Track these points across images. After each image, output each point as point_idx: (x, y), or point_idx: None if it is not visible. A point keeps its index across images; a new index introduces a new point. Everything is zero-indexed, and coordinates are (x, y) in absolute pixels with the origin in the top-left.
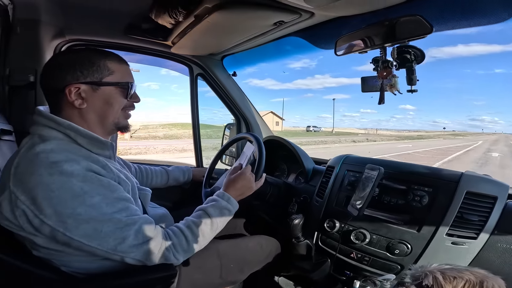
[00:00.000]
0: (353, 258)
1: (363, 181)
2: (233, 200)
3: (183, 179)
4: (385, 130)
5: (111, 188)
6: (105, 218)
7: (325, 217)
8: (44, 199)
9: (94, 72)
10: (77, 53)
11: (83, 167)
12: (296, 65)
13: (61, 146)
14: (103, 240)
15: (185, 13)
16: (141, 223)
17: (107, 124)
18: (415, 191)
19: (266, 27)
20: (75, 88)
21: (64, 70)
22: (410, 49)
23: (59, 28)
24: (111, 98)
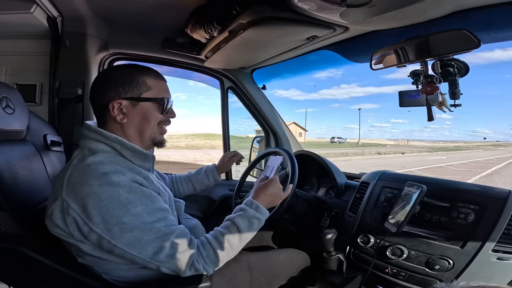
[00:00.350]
0: (388, 273)
1: (402, 198)
2: (262, 208)
3: (208, 182)
4: (418, 141)
5: (152, 198)
6: (146, 227)
7: (359, 232)
8: (93, 208)
9: (133, 88)
10: (120, 70)
11: (128, 178)
12: (321, 75)
13: (108, 158)
14: (142, 249)
15: (220, 28)
16: (178, 233)
17: (145, 138)
18: (460, 208)
19: (298, 42)
20: (118, 103)
21: (108, 86)
22: (453, 62)
23: (103, 42)
24: (148, 113)
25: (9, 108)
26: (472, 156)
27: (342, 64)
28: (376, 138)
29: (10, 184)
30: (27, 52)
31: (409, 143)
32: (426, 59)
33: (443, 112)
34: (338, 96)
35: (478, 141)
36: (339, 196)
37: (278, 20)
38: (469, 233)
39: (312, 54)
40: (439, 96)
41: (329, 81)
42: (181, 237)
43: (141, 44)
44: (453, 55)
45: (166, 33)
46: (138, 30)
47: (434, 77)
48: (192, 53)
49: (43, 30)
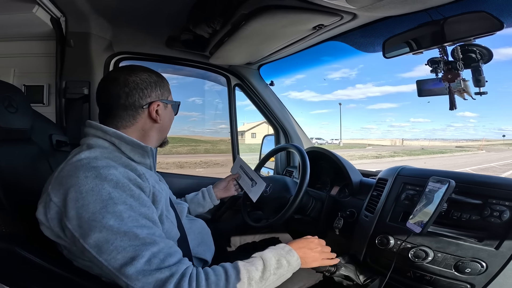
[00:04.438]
0: (410, 277)
1: (427, 195)
2: (295, 253)
3: (204, 201)
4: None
5: (141, 201)
6: (121, 230)
7: (376, 233)
8: (71, 200)
9: (165, 91)
10: (154, 73)
11: (120, 173)
12: (335, 75)
13: (104, 154)
14: (110, 255)
15: (222, 21)
16: (162, 248)
17: (162, 138)
18: (493, 205)
19: (304, 32)
20: (158, 105)
21: (149, 88)
22: (474, 47)
23: (108, 41)
24: (172, 115)
25: (12, 107)
26: (472, 160)
27: (353, 55)
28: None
29: (11, 183)
30: (34, 53)
31: (404, 143)
32: (444, 45)
33: (464, 99)
34: (354, 96)
35: (505, 139)
36: (354, 195)
37: (280, 8)
38: (504, 233)
39: (321, 46)
40: (461, 83)
41: (343, 81)
42: (166, 253)
43: (145, 43)
44: (475, 38)
45: (170, 31)
46: (141, 28)
47: (455, 63)
48: (197, 50)
49: (48, 31)
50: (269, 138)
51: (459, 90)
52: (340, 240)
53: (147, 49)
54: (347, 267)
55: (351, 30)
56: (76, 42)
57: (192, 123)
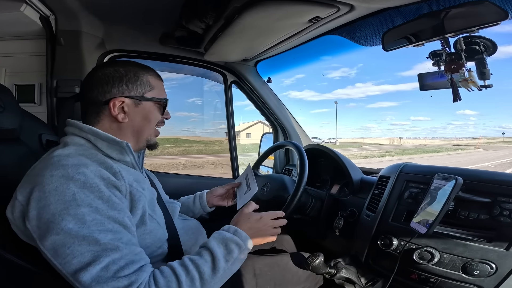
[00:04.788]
0: (414, 279)
1: (432, 193)
2: (242, 232)
3: (194, 207)
4: (416, 139)
5: (111, 204)
6: (80, 233)
7: (379, 233)
8: (34, 199)
9: (138, 86)
10: (124, 66)
11: (91, 171)
12: (334, 75)
13: (79, 151)
14: (65, 260)
15: (214, 15)
16: (125, 254)
17: (141, 140)
18: (503, 204)
19: (300, 25)
20: (120, 101)
21: (111, 83)
22: (478, 39)
23: (100, 39)
24: (150, 114)
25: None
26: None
27: (352, 49)
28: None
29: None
30: (25, 52)
31: (402, 141)
32: (446, 36)
33: (470, 90)
34: (353, 95)
35: (499, 137)
36: (354, 194)
37: (274, 0)
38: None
39: (318, 41)
40: (466, 73)
41: (342, 80)
42: (127, 260)
43: (139, 41)
44: (478, 29)
45: (163, 27)
46: (134, 26)
47: (458, 53)
48: (191, 46)
49: (38, 29)
50: (268, 136)
51: (465, 80)
52: (341, 240)
53: (141, 46)
54: (348, 269)
55: (349, 23)
56: (66, 40)
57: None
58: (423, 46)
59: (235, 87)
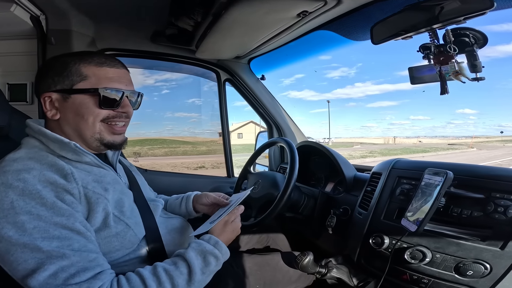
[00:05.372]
0: (406, 279)
1: (422, 189)
2: (222, 245)
3: (179, 211)
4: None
5: (56, 210)
6: (21, 241)
7: (370, 232)
8: None
9: (64, 78)
10: (56, 59)
11: (33, 177)
12: (334, 74)
13: (30, 154)
14: (12, 266)
15: (202, 11)
16: (76, 261)
17: (87, 139)
18: (497, 200)
19: (289, 20)
20: (48, 97)
21: (40, 78)
22: (467, 31)
23: (90, 38)
24: (81, 108)
25: None
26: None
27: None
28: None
29: None
30: (16, 52)
31: (396, 141)
32: (434, 27)
33: (461, 82)
34: (353, 95)
35: (498, 136)
36: (348, 191)
37: None
38: (510, 231)
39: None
40: (455, 65)
41: (342, 80)
42: (78, 267)
43: (129, 39)
44: (465, 18)
45: (154, 26)
46: (125, 24)
47: (446, 45)
48: (182, 44)
49: (29, 29)
50: (263, 134)
51: (454, 72)
52: (334, 239)
53: (132, 45)
54: (340, 269)
55: (338, 17)
56: (57, 39)
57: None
58: (412, 38)
59: (229, 85)
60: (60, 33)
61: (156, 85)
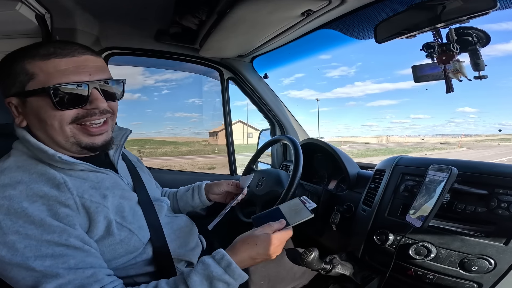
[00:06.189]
0: (411, 275)
1: (427, 185)
2: (236, 268)
3: (193, 202)
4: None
5: (46, 227)
6: (14, 261)
7: (375, 228)
8: None
9: (14, 80)
10: (5, 58)
11: (20, 193)
12: (333, 74)
13: (18, 162)
14: (12, 281)
15: (207, 10)
16: (73, 279)
17: (63, 145)
18: (501, 196)
19: (293, 19)
20: (10, 103)
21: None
22: (470, 30)
23: (95, 36)
24: (41, 113)
25: None
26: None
27: (346, 43)
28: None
29: None
30: None
31: (388, 140)
32: (437, 26)
33: (459, 81)
34: (353, 94)
35: (497, 134)
36: (351, 188)
37: None
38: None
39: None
40: (456, 64)
41: (342, 79)
42: (73, 285)
43: (134, 38)
44: (468, 18)
45: (158, 24)
46: (129, 23)
47: (449, 44)
48: (186, 43)
49: (34, 28)
50: (266, 133)
51: (453, 71)
52: (338, 236)
53: (136, 43)
54: (344, 265)
55: (342, 16)
56: (62, 38)
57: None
58: (416, 37)
59: (232, 84)
60: (65, 32)
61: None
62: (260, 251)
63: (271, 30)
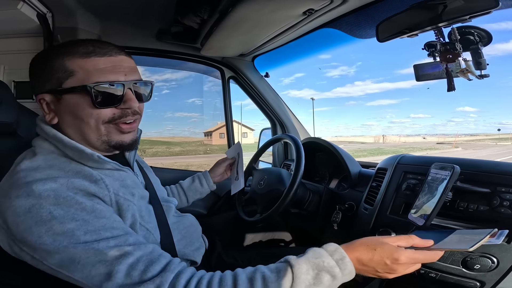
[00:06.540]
0: (413, 274)
1: (429, 183)
2: (348, 263)
3: (202, 189)
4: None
5: (98, 213)
6: (79, 248)
7: (377, 227)
8: (12, 224)
9: (51, 76)
10: (38, 55)
11: (61, 185)
12: (333, 73)
13: (48, 161)
14: (83, 273)
15: (209, 9)
16: (141, 256)
17: (93, 143)
18: (503, 194)
19: (295, 18)
20: (42, 99)
21: (31, 78)
22: (472, 29)
23: (96, 36)
24: (77, 110)
25: None
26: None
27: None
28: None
29: None
30: (22, 50)
31: (385, 140)
32: (439, 25)
33: (469, 80)
34: (353, 93)
35: (495, 134)
36: (353, 187)
37: None
38: None
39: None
40: (463, 63)
41: (341, 79)
42: (146, 261)
43: (135, 37)
44: (470, 17)
45: (159, 23)
46: (130, 22)
47: (453, 43)
48: (188, 42)
49: (35, 27)
50: (267, 132)
51: (462, 70)
52: (339, 235)
53: (137, 43)
54: None
55: (344, 15)
56: (63, 37)
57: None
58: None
59: (233, 83)
60: (67, 31)
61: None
62: (375, 258)
63: (273, 29)
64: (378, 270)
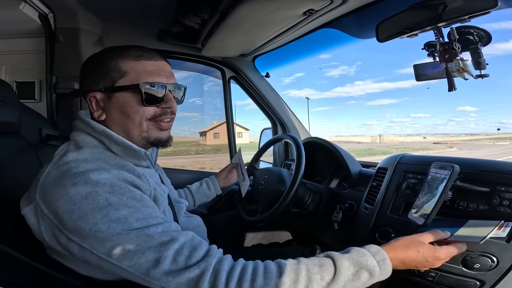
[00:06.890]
0: (413, 273)
1: (429, 183)
2: (388, 264)
3: (209, 192)
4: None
5: (144, 202)
6: (132, 234)
7: (377, 226)
8: (65, 212)
9: (105, 76)
10: (93, 56)
11: (113, 176)
12: (333, 73)
13: (95, 154)
14: (132, 261)
15: (209, 9)
16: (184, 242)
17: (134, 138)
18: (502, 193)
19: (295, 18)
20: (93, 97)
21: (83, 77)
22: (471, 29)
23: (98, 36)
24: (126, 107)
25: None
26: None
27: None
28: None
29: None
30: (24, 50)
31: (382, 139)
32: (439, 25)
33: (465, 79)
34: (353, 93)
35: (495, 133)
36: (353, 187)
37: None
38: None
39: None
40: (460, 63)
41: (341, 79)
42: (190, 246)
43: (136, 37)
44: (470, 17)
45: (160, 24)
46: (131, 22)
47: (452, 43)
48: (188, 42)
49: (37, 27)
50: (268, 132)
51: (458, 69)
52: (340, 235)
53: (138, 43)
54: None
55: (344, 15)
56: (65, 37)
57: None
58: (417, 36)
59: (233, 83)
60: (68, 31)
61: None
62: (419, 259)
63: (273, 29)
64: (418, 267)
